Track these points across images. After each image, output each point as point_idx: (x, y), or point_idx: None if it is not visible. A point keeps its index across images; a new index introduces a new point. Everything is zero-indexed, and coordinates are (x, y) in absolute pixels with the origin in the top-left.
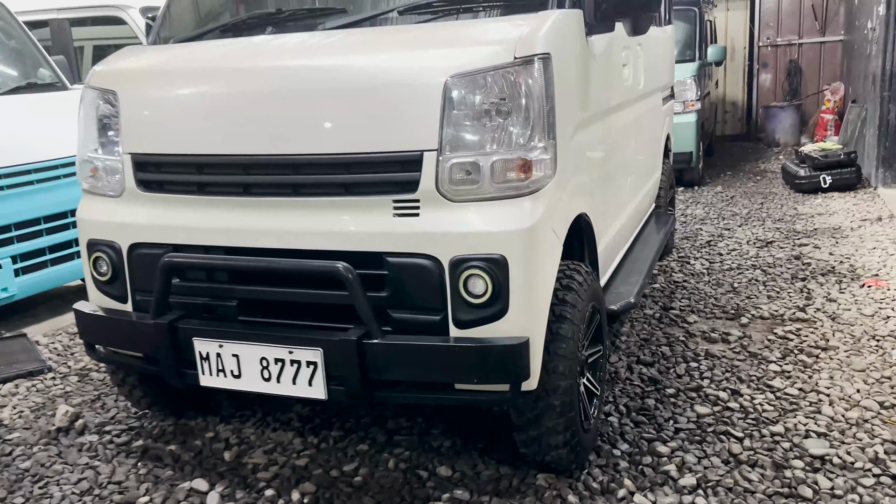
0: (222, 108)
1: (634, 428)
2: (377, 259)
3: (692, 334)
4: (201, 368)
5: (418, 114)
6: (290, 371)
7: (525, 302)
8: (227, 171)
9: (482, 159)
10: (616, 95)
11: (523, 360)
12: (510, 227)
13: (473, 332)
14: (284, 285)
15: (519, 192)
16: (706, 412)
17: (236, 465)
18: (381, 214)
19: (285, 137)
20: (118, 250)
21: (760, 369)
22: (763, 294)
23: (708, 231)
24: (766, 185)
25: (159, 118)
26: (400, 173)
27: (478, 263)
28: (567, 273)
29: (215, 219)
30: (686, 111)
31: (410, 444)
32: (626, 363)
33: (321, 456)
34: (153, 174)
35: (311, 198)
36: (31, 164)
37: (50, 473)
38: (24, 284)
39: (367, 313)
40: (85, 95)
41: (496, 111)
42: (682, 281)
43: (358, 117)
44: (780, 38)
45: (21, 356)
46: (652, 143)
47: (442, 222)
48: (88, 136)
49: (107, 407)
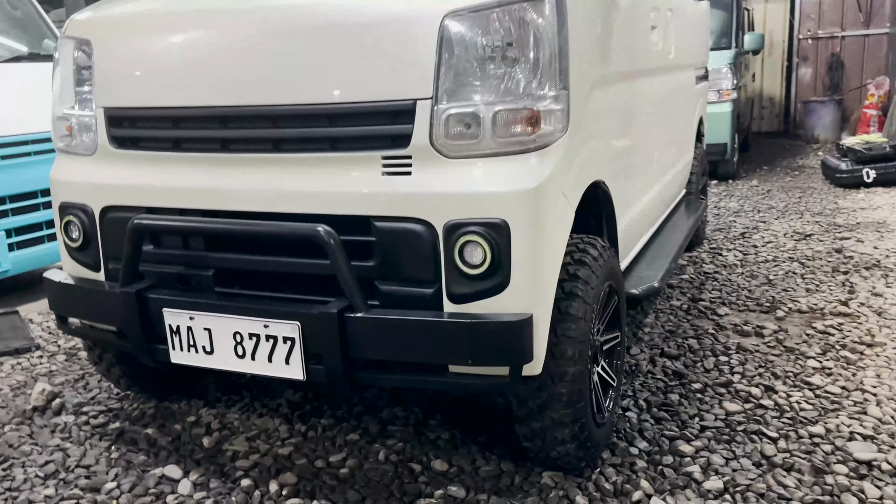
0: (198, 54)
1: (655, 425)
2: (364, 224)
3: (722, 327)
4: (171, 343)
5: (411, 58)
6: (265, 347)
7: (529, 274)
8: (203, 125)
9: (483, 109)
10: (642, 58)
11: (524, 340)
12: (513, 186)
13: (470, 307)
14: (260, 252)
15: (525, 147)
16: (736, 409)
17: (215, 452)
18: (368, 173)
19: (264, 86)
20: (90, 214)
21: (798, 365)
22: (801, 287)
23: (742, 223)
24: (804, 181)
25: (133, 68)
26: (390, 126)
27: (475, 229)
28: (580, 246)
29: (191, 179)
30: (721, 100)
31: (405, 435)
32: (649, 355)
33: (307, 445)
34: (127, 130)
35: (292, 154)
36: (28, 136)
37: (17, 454)
38: (19, 260)
39: (350, 283)
40: (61, 46)
41: (501, 55)
42: (713, 272)
43: (343, 63)
44: (821, 31)
45: (8, 333)
46: (683, 123)
47: (436, 182)
48: (64, 90)
49: (89, 387)
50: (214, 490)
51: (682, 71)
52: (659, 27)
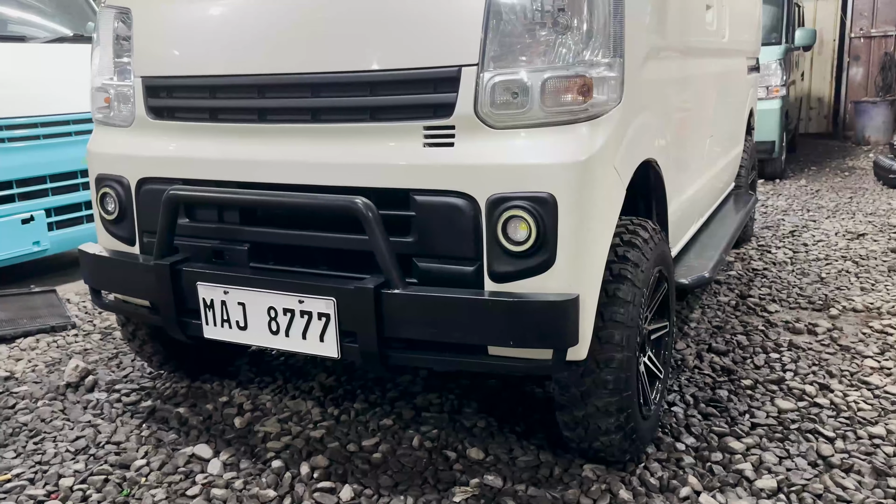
0: (236, 22)
1: (703, 420)
2: (403, 197)
3: (773, 324)
4: (205, 318)
5: (456, 22)
6: (299, 323)
7: (576, 253)
8: (240, 94)
9: (532, 77)
10: (697, 37)
11: (570, 321)
12: (562, 158)
13: (512, 286)
14: (296, 226)
15: (575, 117)
16: (789, 407)
17: (246, 433)
18: (409, 144)
19: (303, 54)
20: (126, 186)
21: (854, 364)
22: (856, 286)
23: (791, 221)
24: (854, 181)
25: (171, 36)
26: (433, 94)
27: (520, 203)
28: (630, 227)
29: (228, 150)
30: (770, 97)
31: (439, 421)
32: (696, 351)
33: (339, 428)
34: (164, 100)
35: (331, 124)
36: (70, 115)
37: (48, 429)
38: (58, 240)
39: (387, 258)
40: (101, 16)
41: (552, 20)
42: (762, 269)
43: (384, 28)
44: (874, 30)
45: (45, 311)
46: (735, 110)
47: (480, 153)
48: (103, 60)
49: (122, 365)
50: (245, 471)
51: (735, 57)
52: (714, 7)
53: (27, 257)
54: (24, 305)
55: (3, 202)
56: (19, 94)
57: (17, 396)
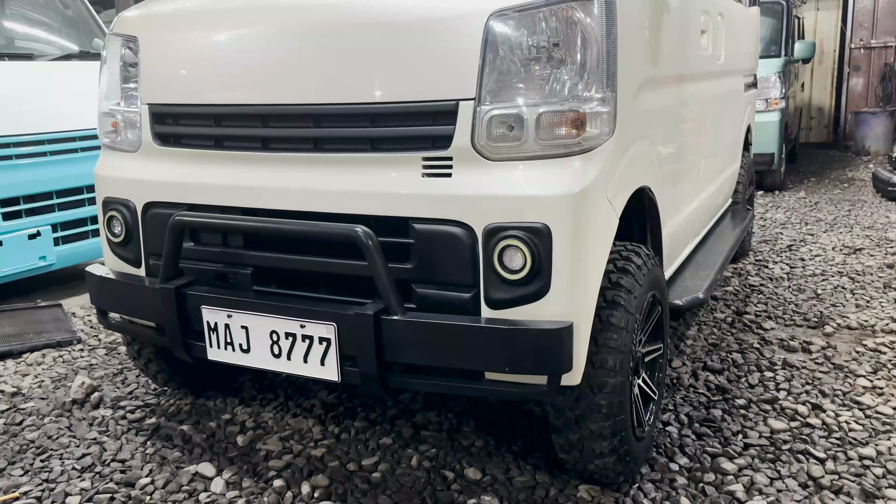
0: (242, 53)
1: (696, 440)
2: (402, 225)
3: (768, 341)
4: (209, 340)
5: (455, 57)
6: (301, 347)
7: (570, 281)
8: (245, 123)
9: (527, 111)
10: (692, 63)
11: (564, 348)
12: (556, 190)
13: (508, 313)
14: (298, 251)
15: (569, 150)
16: (782, 427)
17: (248, 451)
18: (408, 174)
19: (307, 85)
20: (133, 209)
21: (847, 383)
22: (850, 302)
23: (789, 235)
24: (853, 193)
25: (178, 65)
26: (431, 126)
27: (516, 233)
28: (623, 254)
29: (232, 177)
30: (769, 109)
31: (438, 441)
32: (691, 369)
33: (340, 447)
34: (170, 127)
35: (332, 154)
36: (76, 132)
37: (55, 446)
38: (64, 254)
39: (387, 285)
40: (108, 43)
41: (546, 55)
42: (758, 285)
43: (385, 62)
44: (874, 41)
45: (51, 326)
46: (731, 129)
47: (477, 184)
48: (110, 86)
49: (127, 381)
50: (247, 490)
51: (731, 77)
52: (709, 31)
53: (33, 272)
54: (30, 320)
55: (11, 218)
56: (27, 111)
57: (24, 413)
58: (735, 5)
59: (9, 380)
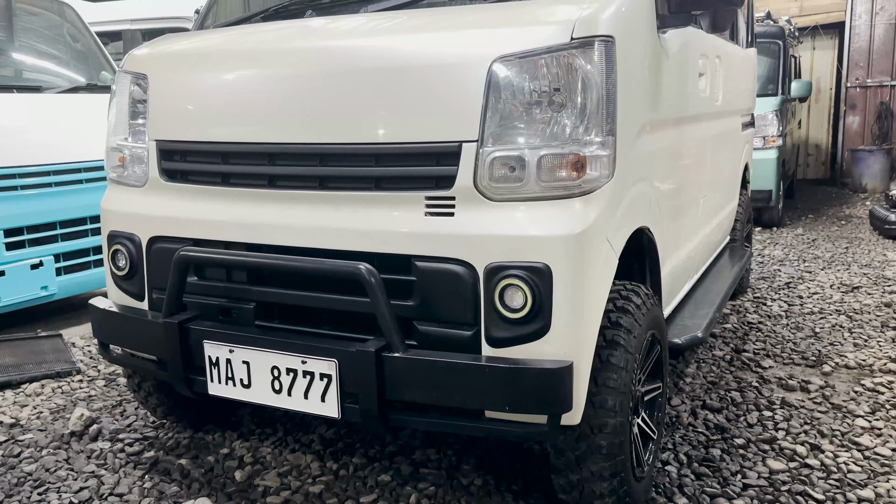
0: (249, 92)
1: (696, 480)
2: (405, 263)
3: (766, 380)
4: (210, 375)
5: (458, 101)
6: (301, 383)
7: (570, 320)
8: (252, 161)
9: (528, 154)
10: (691, 105)
11: (564, 388)
12: (557, 231)
13: (508, 351)
14: (302, 287)
15: (569, 192)
16: (780, 468)
17: (246, 487)
18: (411, 213)
19: (313, 125)
20: (137, 243)
21: (846, 424)
22: (848, 341)
23: (787, 273)
24: (851, 230)
25: (186, 103)
26: (434, 167)
27: (517, 272)
28: (623, 294)
29: (238, 213)
30: (766, 147)
31: (437, 478)
32: (690, 407)
33: (338, 484)
34: (178, 163)
35: (337, 192)
36: (81, 163)
37: (52, 479)
38: (65, 284)
39: (389, 322)
40: (118, 80)
41: (547, 100)
42: (756, 322)
43: (390, 104)
44: (870, 80)
45: (51, 356)
46: (729, 168)
47: (479, 224)
48: (119, 122)
49: (126, 414)
50: None
51: (729, 117)
52: (707, 74)
53: (35, 302)
54: (30, 350)
55: (14, 248)
56: (34, 143)
57: (23, 445)
58: (732, 47)
59: (7, 411)
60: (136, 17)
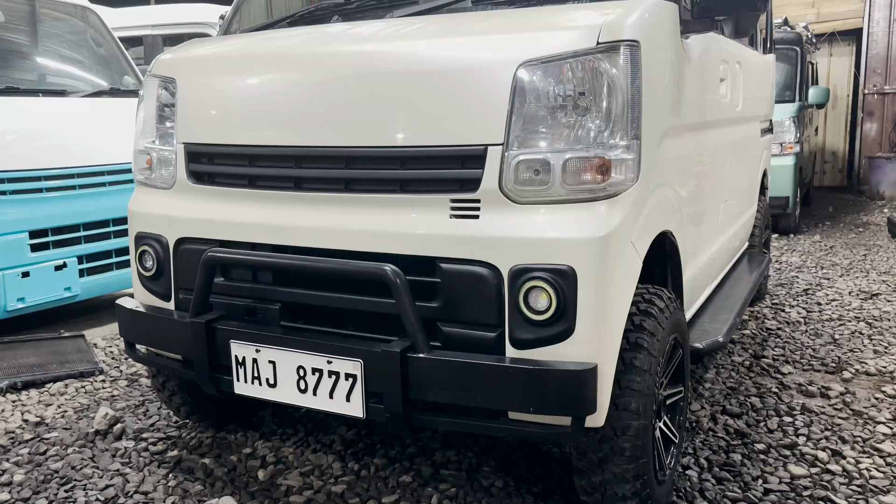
0: (276, 96)
1: (717, 485)
2: (429, 264)
3: (786, 386)
4: (236, 374)
5: (484, 105)
6: (327, 383)
7: (594, 323)
8: (278, 164)
9: (554, 157)
10: (712, 110)
11: (588, 390)
12: (581, 234)
13: (532, 353)
14: (327, 289)
15: (594, 195)
16: (802, 473)
17: (269, 486)
18: (436, 215)
19: (339, 128)
20: (165, 245)
21: (867, 430)
22: (868, 348)
23: (805, 279)
24: (869, 237)
25: (213, 107)
26: (460, 170)
27: (541, 275)
28: (646, 297)
29: (264, 215)
30: (784, 153)
31: (458, 480)
32: (710, 412)
33: (360, 484)
34: (205, 166)
35: (363, 194)
36: (104, 166)
37: (78, 477)
38: (88, 285)
39: (413, 323)
40: (146, 83)
41: (572, 103)
42: (775, 329)
43: (416, 107)
44: (888, 86)
45: (74, 356)
46: (748, 174)
47: (503, 226)
48: (146, 125)
49: (149, 413)
50: None
51: (748, 123)
52: (727, 80)
53: (59, 303)
54: (53, 350)
55: (39, 249)
56: (58, 146)
57: (48, 443)
58: (752, 53)
59: (32, 409)
60: (157, 23)
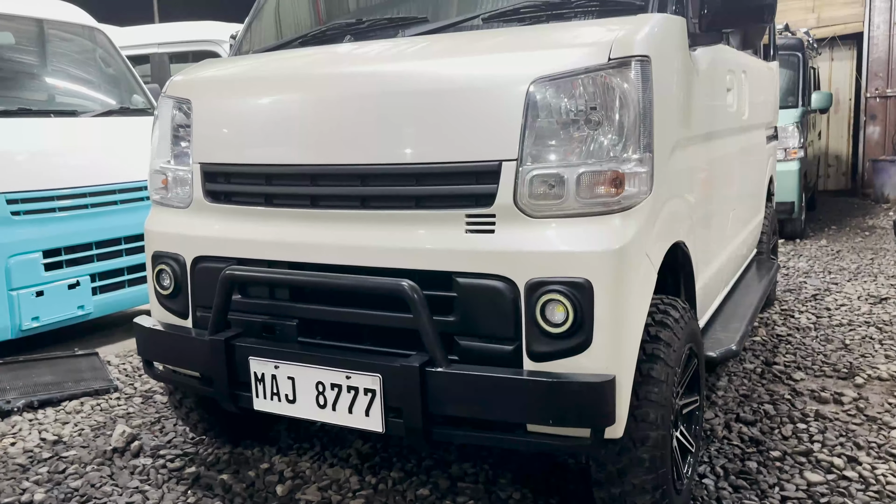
0: (291, 115)
1: (733, 493)
2: (446, 279)
3: (799, 392)
4: (255, 391)
5: (498, 121)
6: (346, 398)
7: (611, 335)
8: (294, 182)
9: (567, 171)
10: (720, 120)
11: (607, 401)
12: (597, 247)
13: (550, 365)
14: (346, 304)
15: (608, 208)
16: (818, 480)
17: (288, 501)
18: (452, 230)
19: (354, 146)
20: (182, 263)
21: (882, 436)
22: (880, 353)
23: (813, 284)
24: (875, 241)
25: (229, 127)
26: (475, 185)
27: (558, 288)
28: (661, 307)
29: (281, 233)
30: (788, 159)
31: (475, 492)
32: (724, 420)
33: (378, 498)
34: (221, 185)
35: (379, 211)
36: (116, 185)
37: (98, 495)
38: (101, 303)
39: (432, 338)
40: (161, 105)
41: (585, 118)
42: (785, 335)
43: (431, 125)
44: (889, 90)
45: (89, 374)
46: (755, 181)
47: (519, 240)
48: (162, 146)
49: (165, 430)
50: None
51: (755, 131)
52: (734, 89)
53: (72, 321)
54: (68, 368)
55: (52, 268)
56: (70, 165)
57: (67, 461)
58: (756, 61)
59: (49, 428)
60: (163, 41)
